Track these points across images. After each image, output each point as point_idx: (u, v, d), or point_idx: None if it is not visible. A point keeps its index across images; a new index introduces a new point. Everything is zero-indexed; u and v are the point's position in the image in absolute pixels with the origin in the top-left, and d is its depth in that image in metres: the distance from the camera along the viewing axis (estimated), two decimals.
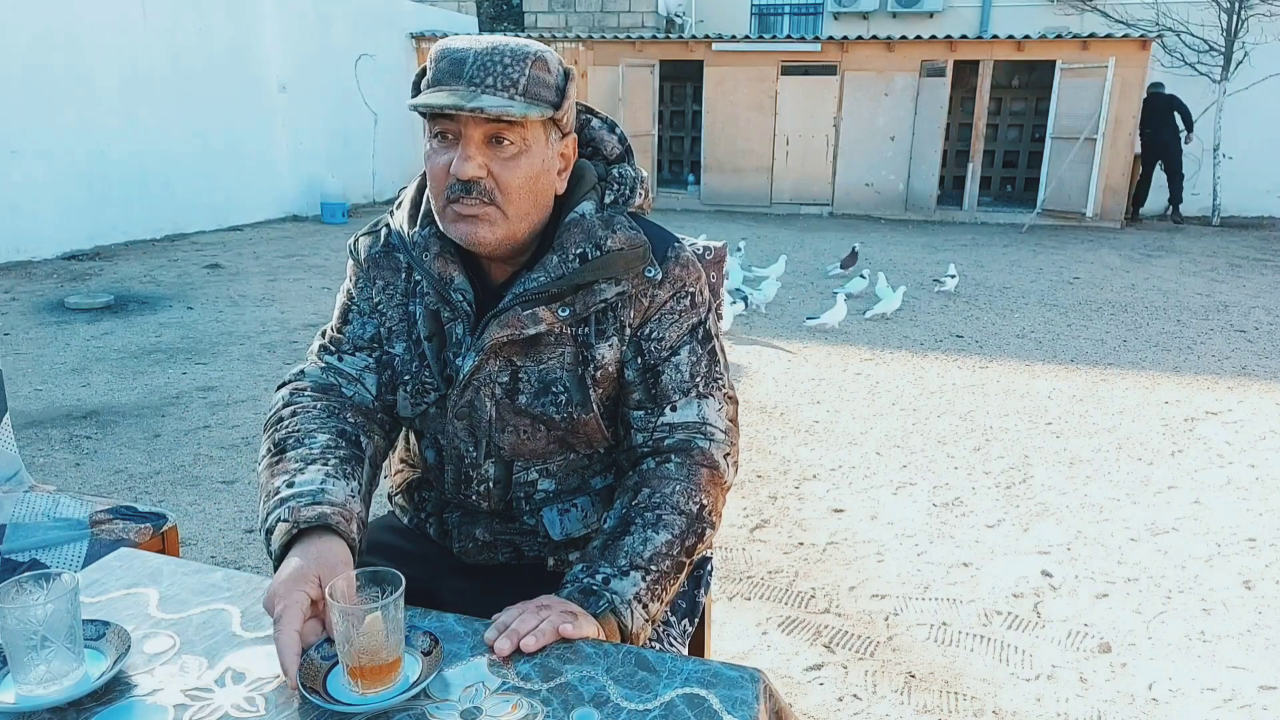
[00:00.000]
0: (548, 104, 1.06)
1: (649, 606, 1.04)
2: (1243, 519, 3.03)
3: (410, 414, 1.21)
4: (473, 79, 1.03)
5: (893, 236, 9.64)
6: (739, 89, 11.14)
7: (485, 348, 1.12)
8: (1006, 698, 2.06)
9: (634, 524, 1.08)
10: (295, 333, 5.17)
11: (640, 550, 1.05)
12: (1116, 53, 9.98)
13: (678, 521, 1.09)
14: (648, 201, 1.23)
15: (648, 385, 1.16)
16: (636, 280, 1.14)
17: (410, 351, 1.20)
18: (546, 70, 1.06)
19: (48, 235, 7.18)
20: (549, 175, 1.11)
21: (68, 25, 7.22)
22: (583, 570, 1.04)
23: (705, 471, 1.14)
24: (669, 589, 1.07)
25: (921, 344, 5.32)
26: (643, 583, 1.03)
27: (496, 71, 1.03)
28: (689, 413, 1.16)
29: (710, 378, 1.18)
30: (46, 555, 1.57)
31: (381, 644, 0.83)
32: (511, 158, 1.06)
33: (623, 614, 1.00)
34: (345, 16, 10.47)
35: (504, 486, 1.21)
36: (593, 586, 1.01)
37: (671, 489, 1.11)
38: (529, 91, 1.04)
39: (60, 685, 0.84)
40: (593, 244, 1.12)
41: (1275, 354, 5.16)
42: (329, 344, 1.24)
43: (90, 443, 3.48)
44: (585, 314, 1.13)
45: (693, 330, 1.18)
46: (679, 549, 1.08)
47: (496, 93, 1.02)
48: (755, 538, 2.86)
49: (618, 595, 1.01)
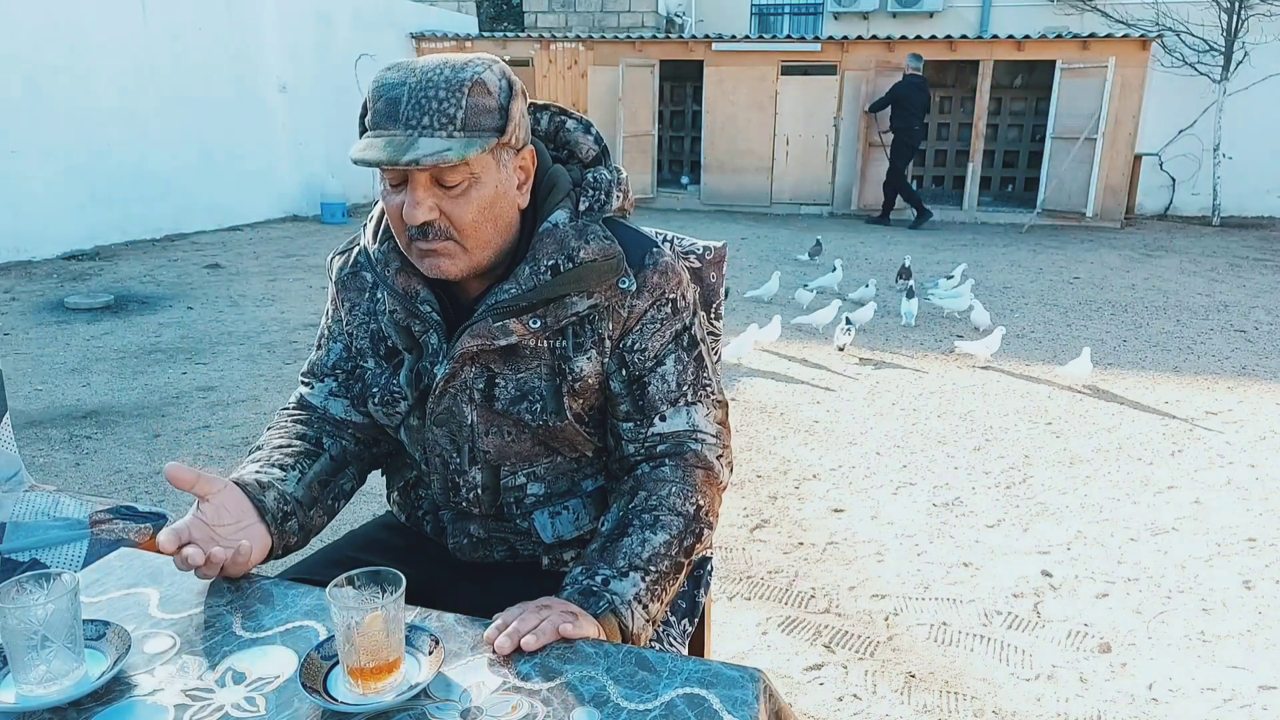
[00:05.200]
0: (490, 131, 1.03)
1: (649, 607, 1.04)
2: (1243, 519, 3.03)
3: (388, 424, 1.23)
4: (408, 120, 1.00)
5: (893, 236, 9.64)
6: (739, 89, 11.14)
7: (456, 357, 1.12)
8: (1006, 698, 2.06)
9: (631, 526, 1.08)
10: (295, 333, 5.17)
11: (639, 551, 1.06)
12: (1116, 53, 9.98)
13: (675, 522, 1.09)
14: (628, 202, 1.21)
15: (634, 397, 1.16)
16: (610, 292, 1.12)
17: (380, 365, 1.21)
18: (486, 93, 1.03)
19: (48, 235, 7.18)
20: (507, 198, 1.09)
21: (68, 25, 7.21)
22: (582, 572, 1.05)
23: (700, 473, 1.14)
24: (668, 590, 1.08)
25: (921, 344, 5.32)
26: (642, 583, 1.03)
27: (431, 109, 1.00)
28: (679, 421, 1.16)
29: (698, 384, 1.18)
30: (46, 555, 1.57)
31: (382, 644, 0.83)
32: (462, 194, 1.04)
33: (623, 614, 1.00)
34: (345, 16, 10.47)
35: (493, 492, 1.21)
36: (592, 588, 1.02)
37: (668, 491, 1.11)
38: (468, 124, 1.01)
39: (60, 685, 0.84)
40: (565, 255, 1.10)
41: (1275, 354, 5.16)
42: (305, 372, 1.31)
43: (90, 443, 3.48)
44: (558, 326, 1.12)
45: (676, 338, 1.16)
46: (677, 549, 1.08)
47: (434, 133, 1.00)
48: (755, 538, 2.86)
49: (617, 596, 1.01)
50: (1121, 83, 9.99)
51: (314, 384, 1.28)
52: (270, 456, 1.18)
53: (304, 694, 0.83)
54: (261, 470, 1.15)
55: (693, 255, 1.45)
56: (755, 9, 14.43)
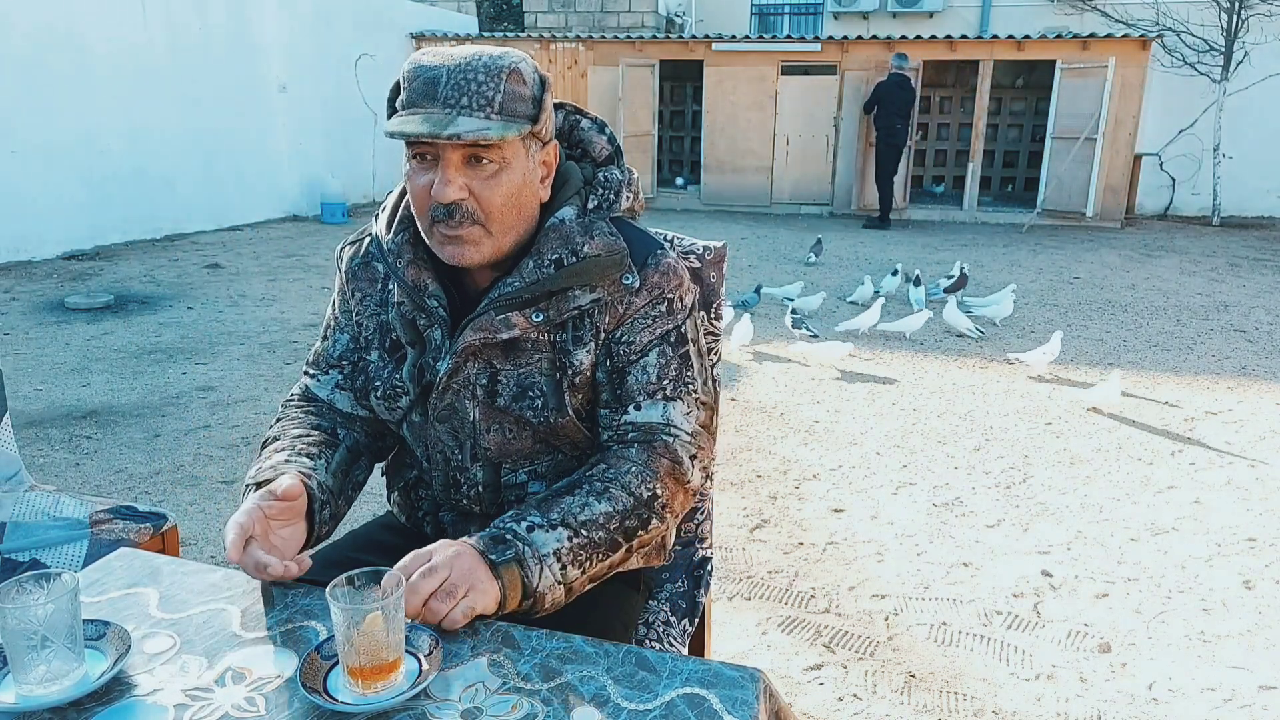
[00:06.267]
0: (525, 119, 1.05)
1: (568, 570, 1.01)
2: (1243, 519, 3.03)
3: (390, 418, 1.23)
4: (447, 100, 1.01)
5: (893, 236, 9.64)
6: (739, 89, 11.14)
7: (458, 351, 1.12)
8: (1006, 698, 2.06)
9: (579, 488, 1.08)
10: (295, 333, 5.17)
11: (575, 512, 1.05)
12: (1116, 53, 9.98)
13: (623, 499, 1.08)
14: (639, 203, 1.22)
15: (613, 386, 1.16)
16: (613, 287, 1.13)
17: (384, 358, 1.21)
18: (522, 83, 1.05)
19: (48, 235, 7.18)
20: (531, 187, 1.11)
21: (68, 24, 7.22)
22: (512, 516, 1.04)
23: (666, 463, 1.13)
24: (595, 562, 1.05)
25: (921, 344, 5.32)
26: (567, 543, 1.02)
27: (471, 90, 1.02)
28: (653, 413, 1.14)
29: (680, 381, 1.16)
30: (46, 555, 1.57)
31: (382, 644, 0.83)
32: (492, 176, 1.05)
33: (529, 568, 0.98)
34: (345, 16, 10.47)
35: (494, 490, 1.21)
36: (506, 535, 1.00)
37: (626, 469, 1.10)
38: (505, 109, 1.03)
39: (60, 685, 0.84)
40: (569, 250, 1.11)
41: (1275, 354, 5.16)
42: (310, 363, 1.31)
43: (90, 443, 3.48)
44: (560, 320, 1.13)
45: (665, 335, 1.16)
46: (617, 525, 1.07)
47: (472, 113, 1.01)
48: (755, 538, 2.86)
49: (531, 547, 1.00)
50: (1121, 83, 10.00)
51: (319, 376, 1.28)
52: (295, 445, 1.17)
53: (304, 694, 0.83)
54: (291, 459, 1.14)
55: (693, 255, 1.45)
56: (755, 9, 14.43)
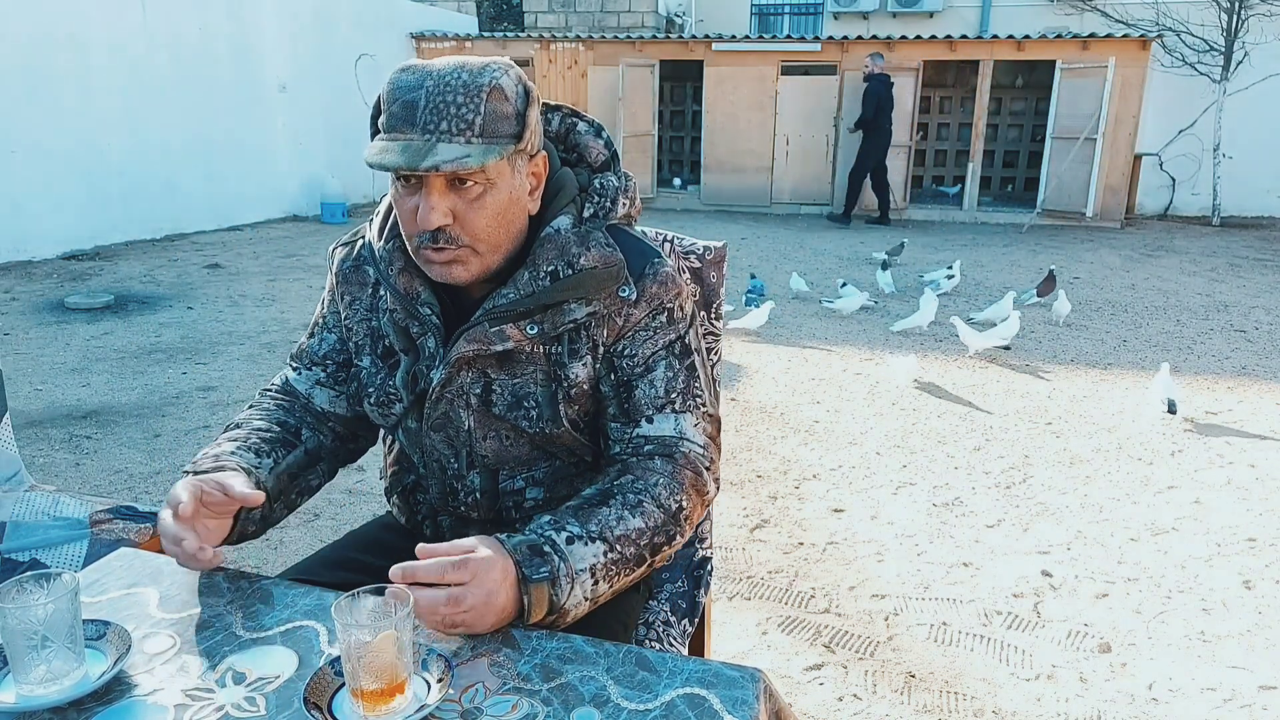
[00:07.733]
0: (508, 138, 1.02)
1: (598, 585, 1.00)
2: (1243, 519, 3.03)
3: (385, 425, 1.22)
4: (426, 125, 0.99)
5: (893, 236, 9.63)
6: (739, 89, 11.14)
7: (451, 362, 1.11)
8: (1006, 698, 2.06)
9: (614, 499, 1.06)
10: (295, 333, 5.16)
11: (613, 525, 1.03)
12: (1116, 53, 9.98)
13: (655, 514, 1.06)
14: (635, 209, 1.20)
15: (621, 400, 1.14)
16: (609, 300, 1.11)
17: (376, 365, 1.20)
18: (504, 99, 1.02)
19: (48, 235, 7.18)
20: (519, 204, 1.09)
21: (68, 25, 7.22)
22: (550, 523, 1.01)
23: (690, 474, 1.11)
24: (620, 579, 1.03)
25: (921, 344, 5.32)
26: (602, 558, 1.00)
27: (450, 114, 0.99)
28: (666, 426, 1.13)
29: (688, 394, 1.15)
30: (46, 555, 1.57)
31: (389, 663, 0.80)
32: (476, 199, 1.04)
33: (561, 586, 0.96)
34: (345, 16, 10.47)
35: (491, 496, 1.20)
36: (544, 547, 0.98)
37: (655, 481, 1.09)
38: (486, 130, 1.00)
39: (61, 685, 0.84)
40: (565, 262, 1.09)
41: (1275, 354, 5.16)
42: (294, 355, 1.31)
43: (90, 443, 3.48)
44: (555, 333, 1.11)
45: (669, 346, 1.15)
46: (646, 542, 1.05)
47: (452, 139, 0.99)
48: (755, 538, 2.86)
49: (568, 563, 0.98)
50: (1121, 83, 10.00)
51: (301, 370, 1.28)
52: (248, 439, 1.18)
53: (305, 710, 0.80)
54: (238, 453, 1.15)
55: (693, 255, 1.45)
56: (755, 9, 14.42)
